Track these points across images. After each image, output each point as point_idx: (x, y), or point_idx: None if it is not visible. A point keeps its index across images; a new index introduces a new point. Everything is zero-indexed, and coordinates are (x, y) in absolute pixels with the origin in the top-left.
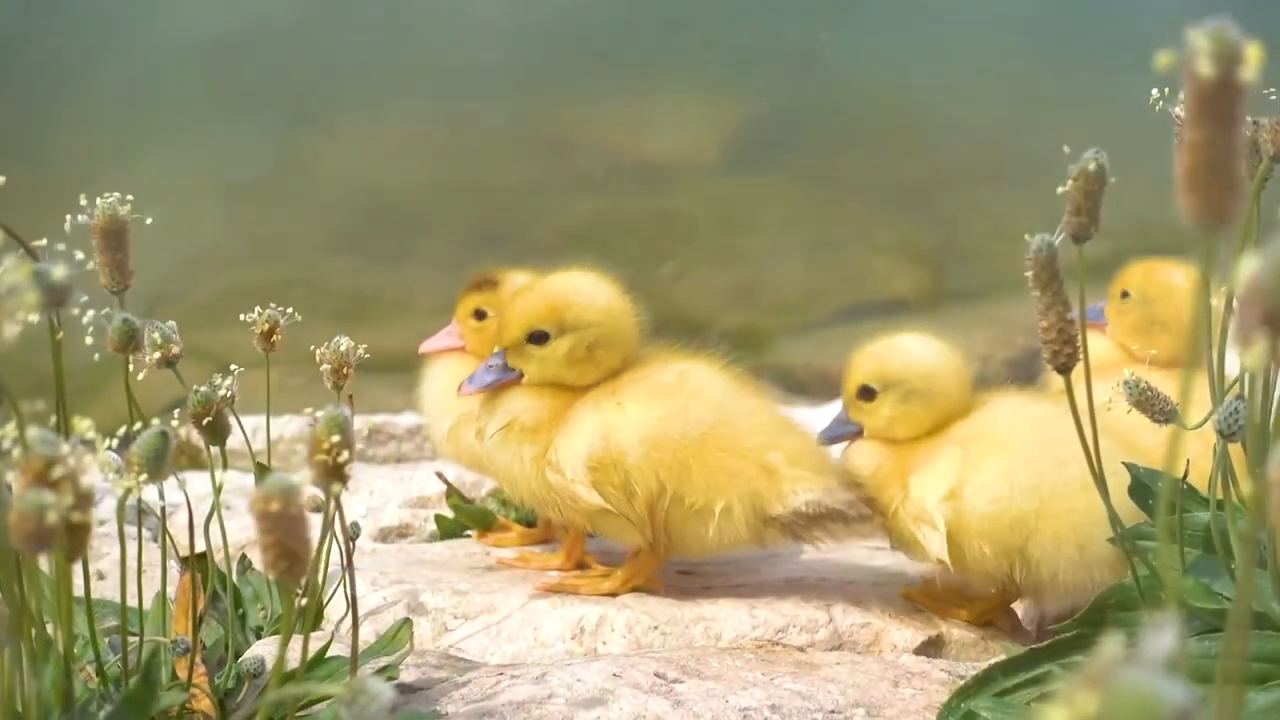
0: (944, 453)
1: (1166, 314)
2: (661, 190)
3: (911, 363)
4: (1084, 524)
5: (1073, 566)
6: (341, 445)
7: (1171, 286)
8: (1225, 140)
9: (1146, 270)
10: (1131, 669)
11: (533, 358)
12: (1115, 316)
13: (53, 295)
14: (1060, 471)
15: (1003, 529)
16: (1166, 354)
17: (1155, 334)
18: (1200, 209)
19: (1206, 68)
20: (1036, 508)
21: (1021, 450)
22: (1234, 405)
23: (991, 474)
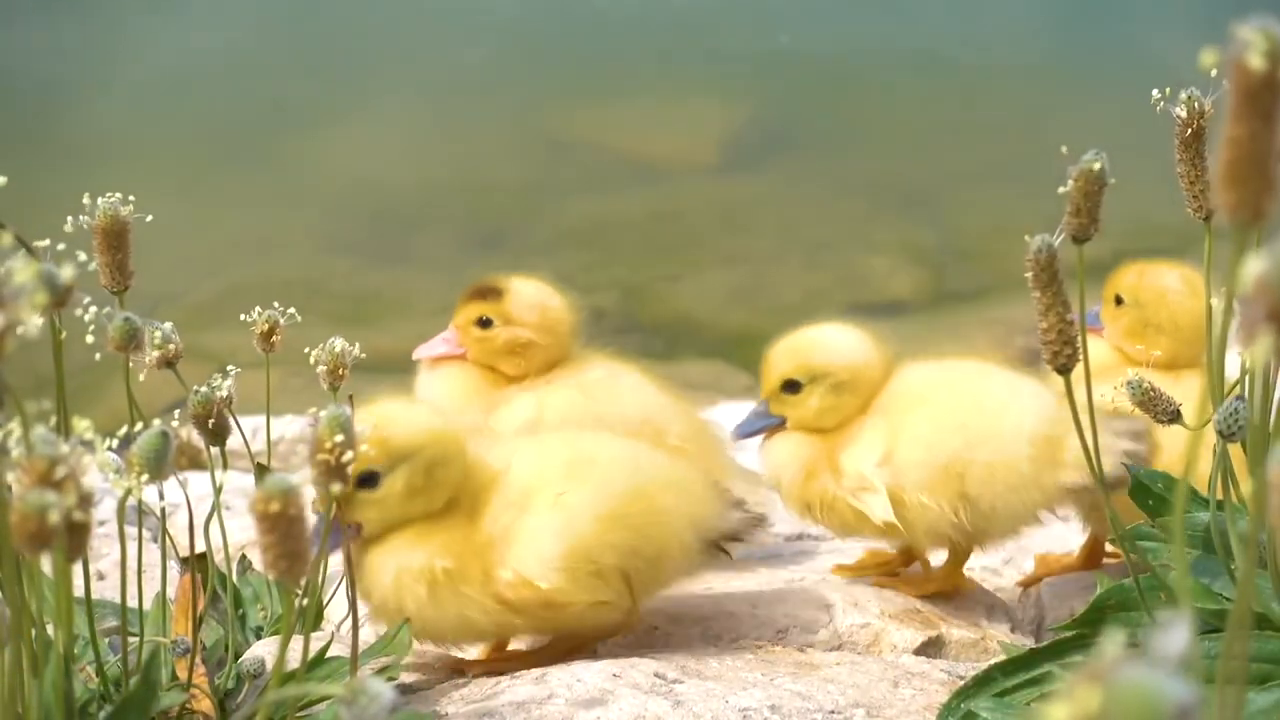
0: (868, 424)
1: (1161, 317)
2: (661, 190)
3: (837, 354)
4: (1009, 447)
5: (1008, 491)
6: (344, 446)
7: (1165, 289)
8: (1267, 136)
9: (1139, 274)
10: (1133, 666)
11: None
12: (1110, 321)
13: (57, 296)
14: (979, 407)
15: (939, 473)
16: (1164, 356)
17: (1151, 337)
18: (1238, 204)
19: (1257, 62)
20: (965, 441)
21: (939, 400)
22: (1234, 405)
23: (917, 426)
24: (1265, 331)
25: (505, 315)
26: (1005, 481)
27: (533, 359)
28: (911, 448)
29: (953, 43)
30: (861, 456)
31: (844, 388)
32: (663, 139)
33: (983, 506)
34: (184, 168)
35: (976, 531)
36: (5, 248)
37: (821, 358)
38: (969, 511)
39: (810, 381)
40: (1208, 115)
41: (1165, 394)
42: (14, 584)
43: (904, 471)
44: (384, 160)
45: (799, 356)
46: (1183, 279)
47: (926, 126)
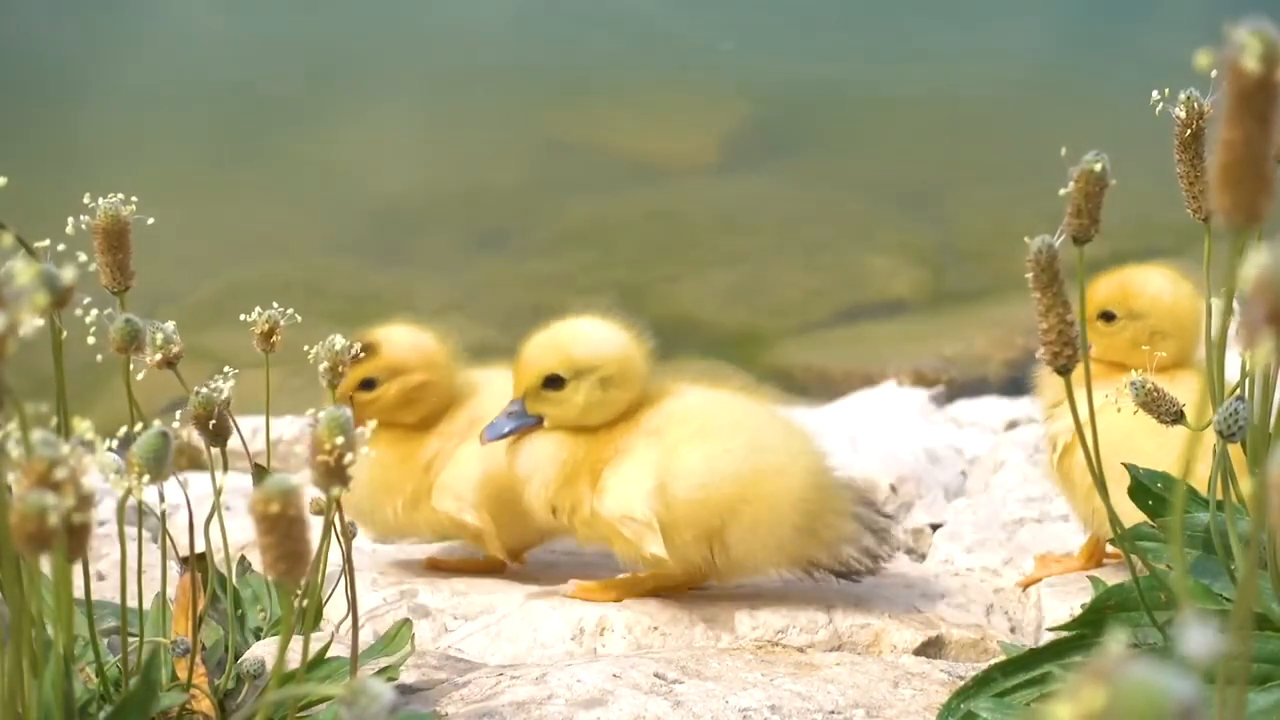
0: (641, 444)
1: (1166, 323)
2: (661, 190)
3: (601, 347)
4: (777, 510)
5: (765, 549)
6: (345, 447)
7: (1159, 294)
8: (1262, 139)
9: (1120, 286)
10: (1138, 666)
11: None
12: (1104, 338)
13: (57, 296)
14: (756, 459)
15: (706, 514)
16: (1171, 359)
17: (1158, 344)
18: (1233, 207)
19: (1252, 64)
20: (737, 492)
21: (719, 437)
22: (1233, 405)
23: (693, 463)
24: (1266, 333)
25: (388, 368)
26: (763, 542)
27: (428, 400)
28: (683, 482)
29: (953, 43)
30: (630, 482)
31: (612, 381)
32: (663, 139)
33: (734, 555)
34: (184, 168)
35: (720, 570)
36: (6, 248)
37: (585, 351)
38: (722, 555)
39: (574, 377)
40: (1206, 116)
41: (1168, 394)
42: (14, 585)
43: (673, 504)
44: (384, 160)
45: (560, 351)
46: (1168, 278)
47: (926, 126)
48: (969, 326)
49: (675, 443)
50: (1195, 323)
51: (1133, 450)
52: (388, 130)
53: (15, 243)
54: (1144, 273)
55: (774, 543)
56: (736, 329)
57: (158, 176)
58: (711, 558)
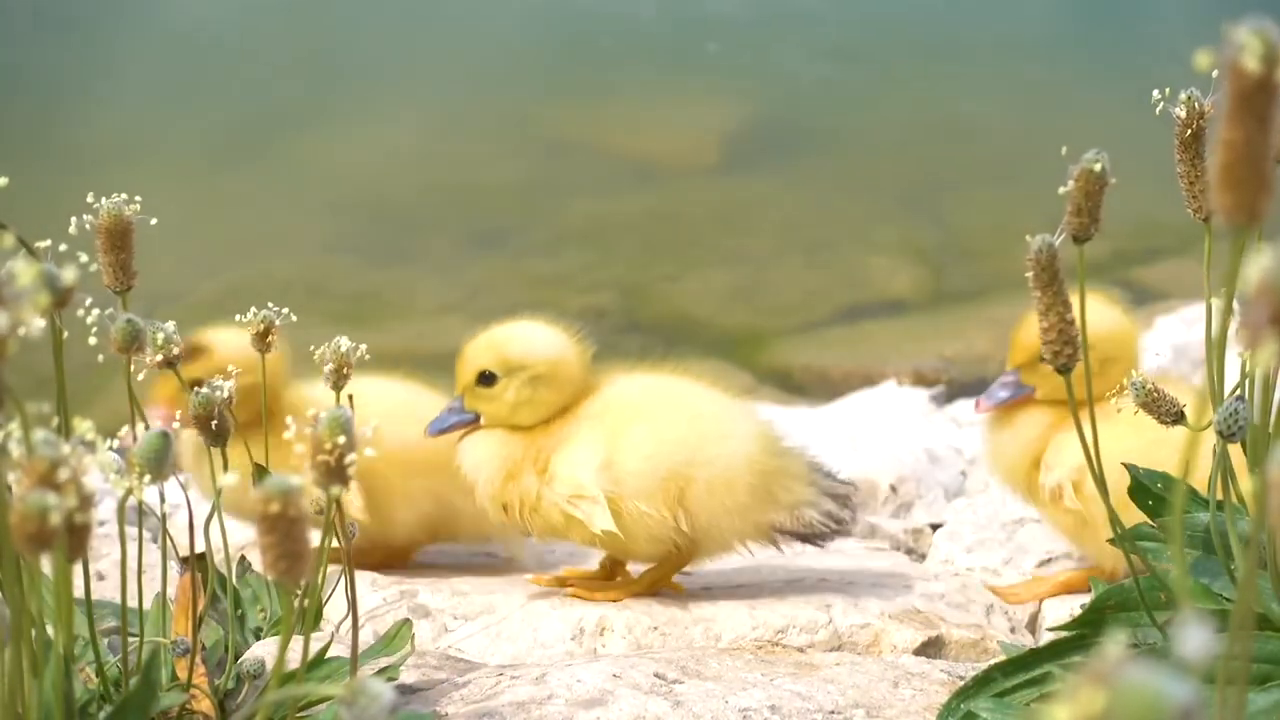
0: (584, 428)
1: (1114, 350)
2: (661, 190)
3: (534, 348)
4: (730, 470)
5: (727, 512)
6: (346, 447)
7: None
8: (1262, 139)
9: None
10: (1137, 667)
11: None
12: (1050, 378)
13: (58, 296)
14: (697, 425)
15: (659, 482)
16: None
17: (1109, 371)
18: (1233, 206)
19: (1253, 64)
20: (686, 457)
21: (660, 414)
22: (1233, 405)
23: (638, 436)
24: (1267, 335)
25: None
26: (722, 503)
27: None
28: (631, 457)
29: (954, 43)
30: (578, 463)
31: (541, 381)
32: (663, 139)
33: (700, 521)
34: (184, 168)
35: (695, 543)
36: (7, 249)
37: (518, 350)
38: (688, 523)
39: (506, 375)
40: (1207, 115)
41: (1168, 395)
42: (14, 585)
43: (623, 480)
44: (384, 160)
45: (495, 350)
46: (1104, 305)
47: (927, 127)
48: (969, 326)
49: (618, 422)
50: (1135, 346)
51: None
52: (388, 130)
53: (16, 243)
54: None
55: (734, 505)
56: (736, 329)
57: (158, 176)
58: (677, 526)
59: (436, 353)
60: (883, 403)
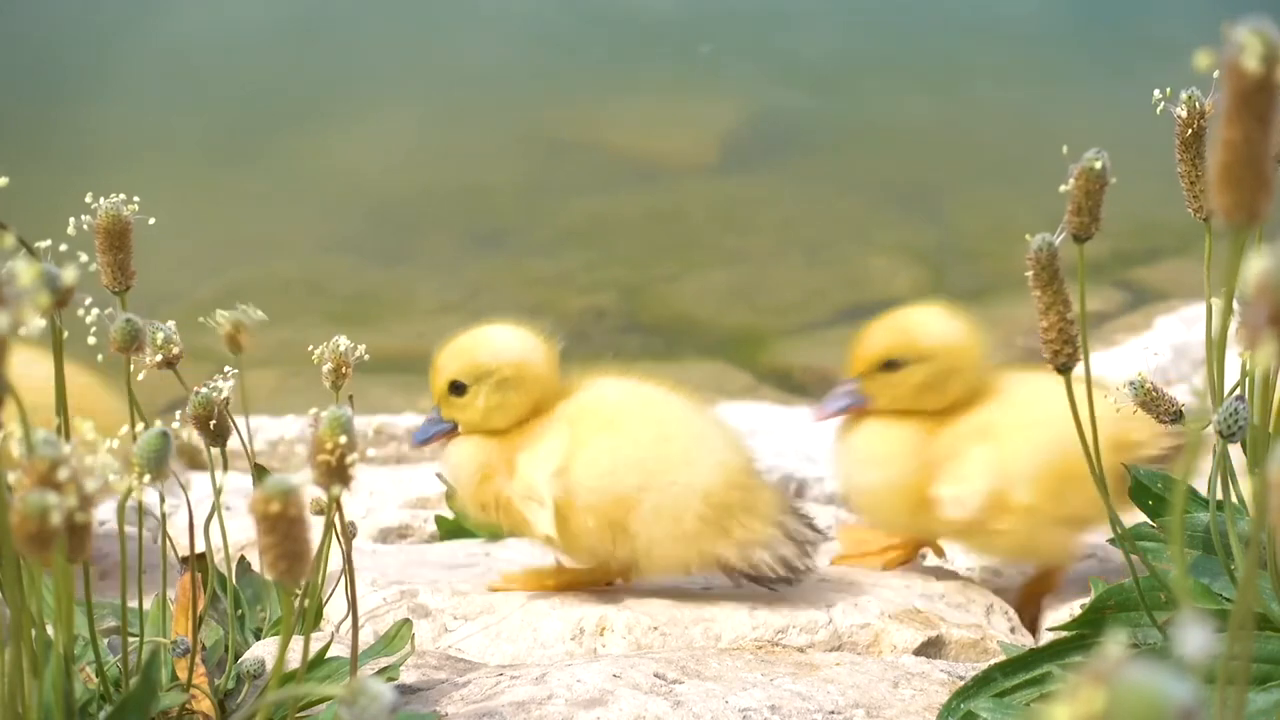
0: (551, 430)
1: (960, 361)
2: (661, 190)
3: (499, 352)
4: (681, 499)
5: (669, 539)
6: (347, 447)
7: (943, 332)
8: (1261, 138)
9: (900, 332)
10: (1137, 667)
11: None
12: (890, 389)
13: (58, 296)
14: (663, 448)
15: (608, 502)
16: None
17: (950, 383)
18: (1233, 206)
19: (1252, 64)
20: (640, 482)
21: (627, 428)
22: (1233, 405)
23: (598, 450)
24: (1268, 335)
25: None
26: (667, 531)
27: None
28: (587, 470)
29: (954, 43)
30: (536, 463)
31: (509, 384)
32: (663, 139)
33: (639, 544)
34: (184, 168)
35: (631, 565)
36: (7, 249)
37: (485, 356)
38: (627, 545)
39: (475, 382)
40: (1208, 115)
41: (1167, 394)
42: (14, 585)
43: (575, 490)
44: (384, 160)
45: (463, 357)
46: (945, 316)
47: (927, 126)
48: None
49: (585, 431)
50: (979, 356)
51: None
52: (388, 130)
53: (16, 243)
54: (919, 314)
55: (678, 533)
56: (736, 329)
57: (158, 176)
58: (614, 549)
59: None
60: None
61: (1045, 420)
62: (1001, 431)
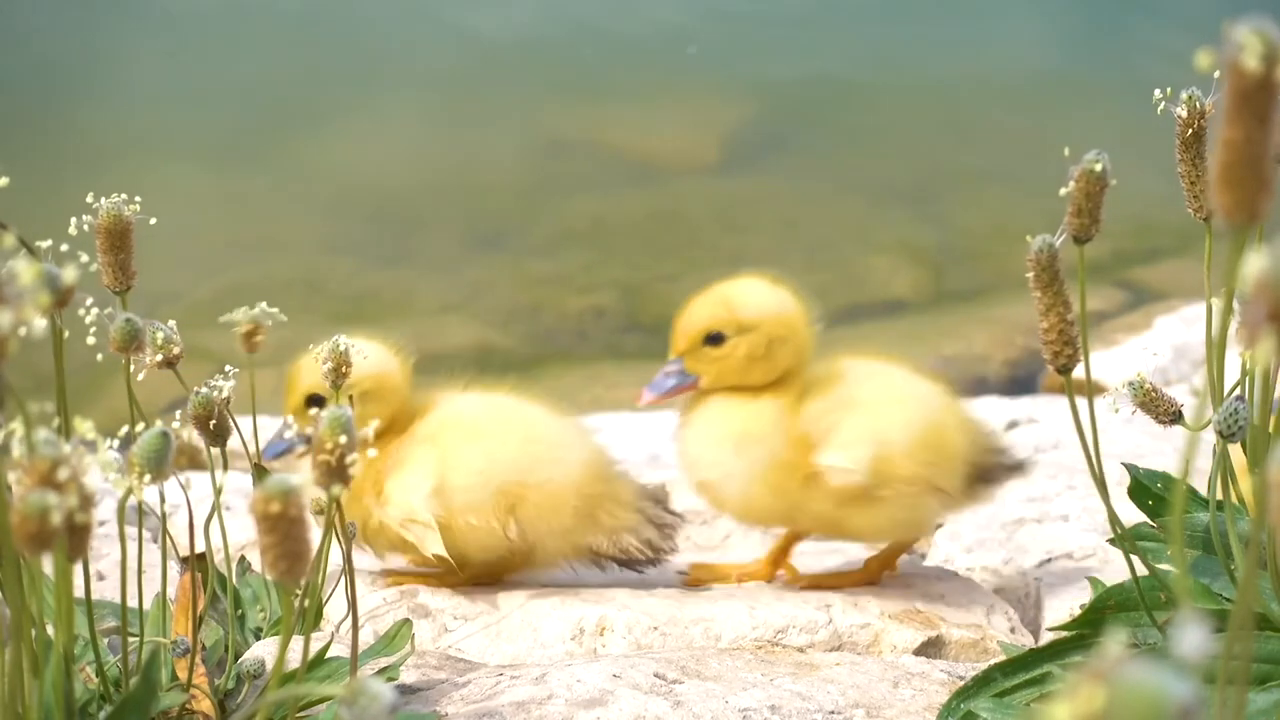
0: (418, 452)
1: (782, 330)
2: (661, 190)
3: (360, 365)
4: (557, 493)
5: (553, 533)
6: (347, 447)
7: (763, 302)
8: (1261, 138)
9: (722, 304)
10: (1137, 666)
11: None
12: (715, 364)
13: (58, 296)
14: (529, 448)
15: (489, 495)
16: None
17: (777, 353)
18: (1233, 206)
19: (1252, 64)
20: (518, 477)
21: (492, 434)
22: (1233, 405)
23: (470, 454)
24: (1267, 333)
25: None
26: (549, 525)
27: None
28: (461, 473)
29: (954, 44)
30: (410, 487)
31: (369, 397)
32: (663, 139)
33: (529, 536)
34: (185, 168)
35: (528, 554)
36: (7, 249)
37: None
38: (521, 534)
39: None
40: (1208, 115)
41: (1166, 394)
42: (14, 584)
43: (452, 498)
44: (384, 160)
45: (317, 372)
46: (766, 285)
47: (927, 126)
48: (969, 326)
49: (451, 445)
50: (803, 325)
51: None
52: (388, 130)
53: (17, 243)
54: (739, 286)
55: (559, 527)
56: None
57: (159, 176)
58: (507, 536)
59: (436, 353)
60: None
61: (913, 395)
62: (873, 403)
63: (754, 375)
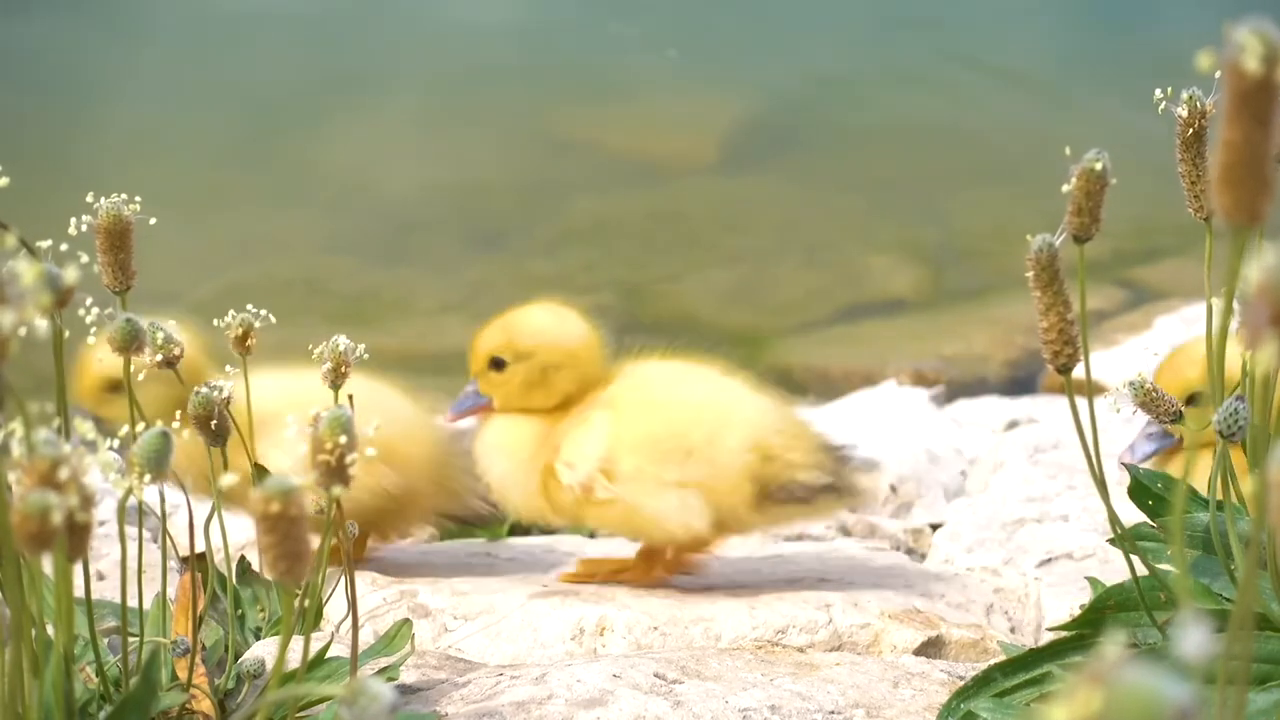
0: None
1: (555, 358)
2: (661, 190)
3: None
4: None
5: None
6: (347, 447)
7: (541, 329)
8: (1262, 139)
9: (502, 331)
10: (1135, 667)
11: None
12: (499, 388)
13: (59, 296)
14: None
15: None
16: (572, 388)
17: (553, 379)
18: (1233, 207)
19: (1253, 64)
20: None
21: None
22: (1233, 405)
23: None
24: (1268, 335)
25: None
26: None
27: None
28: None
29: (954, 44)
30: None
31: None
32: (663, 139)
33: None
34: (184, 167)
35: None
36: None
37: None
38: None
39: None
40: (1209, 115)
41: (1167, 395)
42: (14, 584)
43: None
44: (384, 160)
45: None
46: (550, 312)
47: (927, 126)
48: (969, 326)
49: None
50: (589, 350)
51: None
52: (388, 130)
53: (18, 243)
54: (524, 313)
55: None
56: (736, 329)
57: (159, 176)
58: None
59: (436, 353)
60: (883, 403)
61: (659, 399)
62: (614, 406)
63: (534, 400)
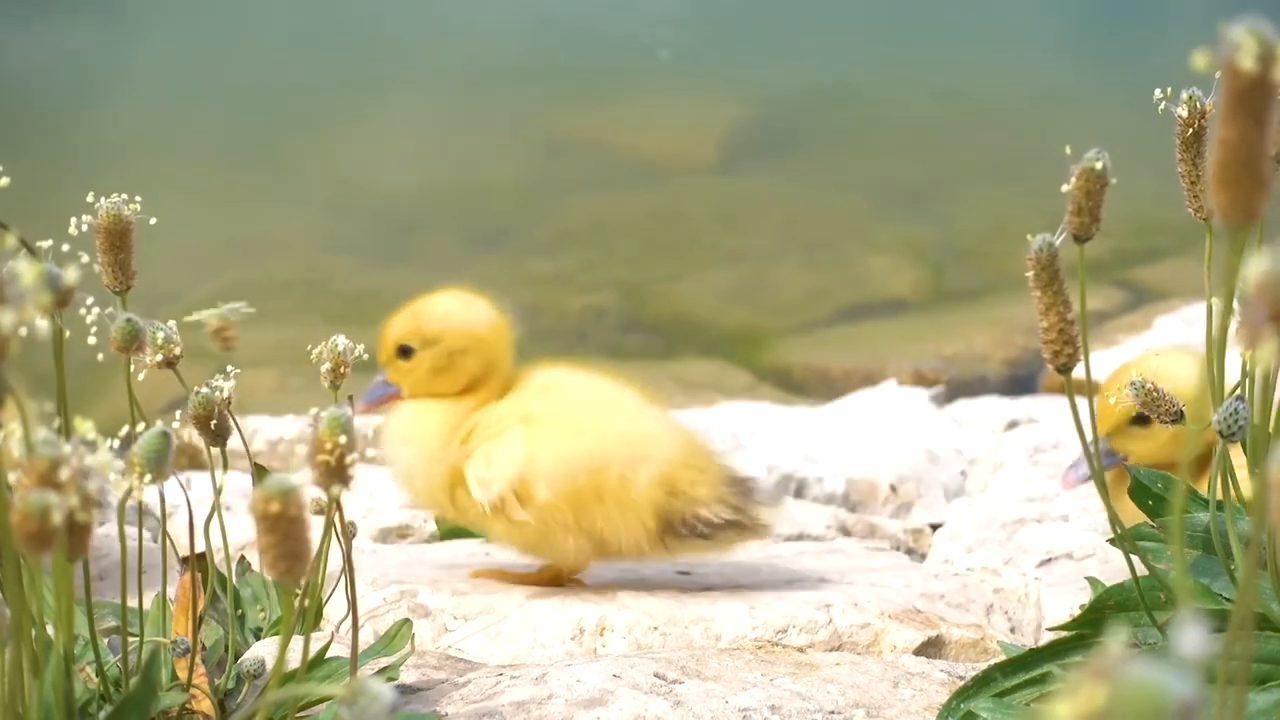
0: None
1: (462, 342)
2: (661, 190)
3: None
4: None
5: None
6: (346, 447)
7: (447, 314)
8: (1258, 138)
9: (409, 318)
10: (1138, 665)
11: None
12: (408, 376)
13: (59, 296)
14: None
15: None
16: (478, 371)
17: (459, 363)
18: (1230, 206)
19: (1248, 63)
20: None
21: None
22: (1233, 405)
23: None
24: (1268, 334)
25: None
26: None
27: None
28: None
29: (954, 43)
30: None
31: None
32: (663, 139)
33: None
34: (185, 168)
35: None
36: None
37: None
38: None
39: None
40: (1208, 115)
41: (1168, 394)
42: (14, 585)
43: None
44: (384, 160)
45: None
46: (456, 299)
47: (926, 126)
48: (969, 326)
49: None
50: (496, 334)
51: None
52: (389, 130)
53: (18, 243)
54: (430, 300)
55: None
56: (736, 329)
57: (159, 176)
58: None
59: None
60: (883, 403)
61: (578, 424)
62: (533, 423)
63: (441, 386)
